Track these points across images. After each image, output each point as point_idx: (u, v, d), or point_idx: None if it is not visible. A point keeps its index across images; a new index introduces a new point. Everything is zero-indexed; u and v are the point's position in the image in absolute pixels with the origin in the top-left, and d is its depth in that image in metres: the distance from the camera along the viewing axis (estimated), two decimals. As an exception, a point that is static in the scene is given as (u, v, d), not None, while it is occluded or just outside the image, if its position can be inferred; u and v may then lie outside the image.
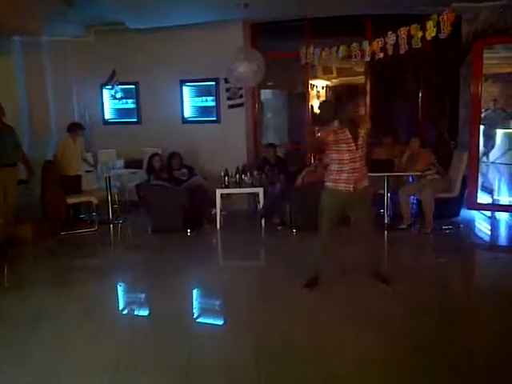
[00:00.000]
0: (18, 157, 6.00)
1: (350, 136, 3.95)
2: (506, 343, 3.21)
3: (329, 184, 4.11)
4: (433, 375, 2.84)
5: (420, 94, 7.66)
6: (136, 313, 3.99)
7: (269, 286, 4.30)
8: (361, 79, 8.10)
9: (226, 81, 7.42)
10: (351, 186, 3.99)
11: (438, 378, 2.82)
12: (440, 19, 5.47)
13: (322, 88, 11.30)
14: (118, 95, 8.05)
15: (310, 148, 4.33)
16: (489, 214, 6.71)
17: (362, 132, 4.01)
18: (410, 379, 2.82)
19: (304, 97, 8.11)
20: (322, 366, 2.96)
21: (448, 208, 6.34)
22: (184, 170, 6.77)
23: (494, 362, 2.97)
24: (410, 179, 6.55)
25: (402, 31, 5.90)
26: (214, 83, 7.79)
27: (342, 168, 4.00)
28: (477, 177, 6.53)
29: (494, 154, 10.04)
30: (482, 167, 7.05)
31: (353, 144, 3.94)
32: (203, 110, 7.97)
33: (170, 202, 6.22)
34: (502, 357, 3.02)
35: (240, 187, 6.50)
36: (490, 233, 6.28)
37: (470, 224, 6.43)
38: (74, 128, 6.81)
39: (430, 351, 3.07)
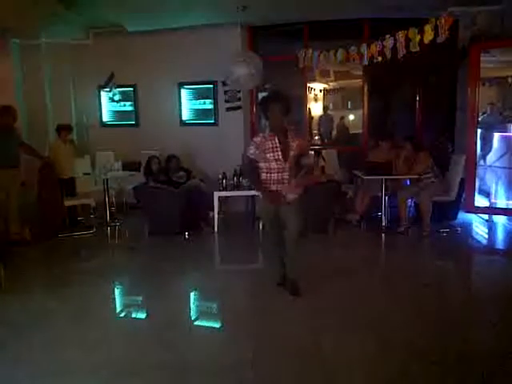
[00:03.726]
0: (26, 152, 6.19)
1: (274, 141, 3.79)
2: (503, 346, 3.22)
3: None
4: (430, 379, 2.85)
5: (417, 98, 7.68)
6: (133, 315, 3.98)
7: (266, 289, 4.29)
8: (359, 82, 8.12)
9: (224, 84, 7.44)
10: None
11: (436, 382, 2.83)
12: (437, 23, 5.49)
13: (320, 91, 11.36)
14: (116, 98, 8.06)
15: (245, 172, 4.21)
16: (486, 217, 6.73)
17: (294, 145, 3.83)
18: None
19: (302, 100, 8.12)
20: (318, 369, 2.96)
21: (445, 211, 6.36)
22: (182, 173, 6.76)
23: (490, 365, 2.97)
24: (408, 182, 6.57)
25: (400, 35, 5.92)
26: (212, 86, 7.80)
27: (270, 177, 3.86)
28: (474, 180, 6.55)
29: (491, 158, 10.05)
30: (480, 170, 7.04)
31: (280, 154, 3.78)
32: (201, 113, 7.98)
33: (168, 205, 6.21)
34: (500, 360, 3.03)
35: (238, 190, 6.51)
36: (487, 236, 6.30)
37: (467, 227, 6.44)
38: (61, 130, 6.79)
39: (427, 354, 3.07)
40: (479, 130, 6.77)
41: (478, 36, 6.42)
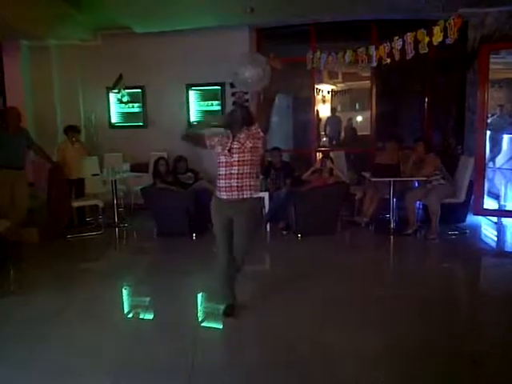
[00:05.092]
0: (37, 154, 6.26)
1: (229, 139, 3.65)
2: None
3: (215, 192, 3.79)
4: (439, 379, 2.83)
5: (426, 99, 7.65)
6: (141, 316, 3.99)
7: (273, 291, 4.28)
8: (366, 84, 8.10)
9: (232, 85, 7.45)
10: (230, 193, 3.63)
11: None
12: (447, 24, 5.46)
13: (328, 92, 11.33)
14: (125, 99, 8.09)
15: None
16: (495, 219, 6.68)
17: (243, 136, 3.61)
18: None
19: (309, 101, 8.12)
20: (326, 369, 2.96)
21: (454, 213, 6.32)
22: (189, 174, 6.78)
23: (498, 368, 2.96)
24: (416, 184, 6.54)
25: (409, 36, 5.90)
26: (219, 87, 7.82)
27: (219, 171, 3.70)
28: (483, 182, 6.51)
29: (500, 160, 10.01)
30: (489, 172, 7.01)
31: (228, 145, 3.62)
32: (209, 114, 8.00)
33: (176, 206, 6.22)
34: (506, 363, 3.01)
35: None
36: (496, 238, 6.25)
37: (476, 230, 6.39)
38: (68, 131, 6.84)
39: (433, 356, 3.06)
40: (488, 132, 6.73)
41: (488, 37, 6.38)
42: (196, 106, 8.04)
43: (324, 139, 10.97)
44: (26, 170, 6.17)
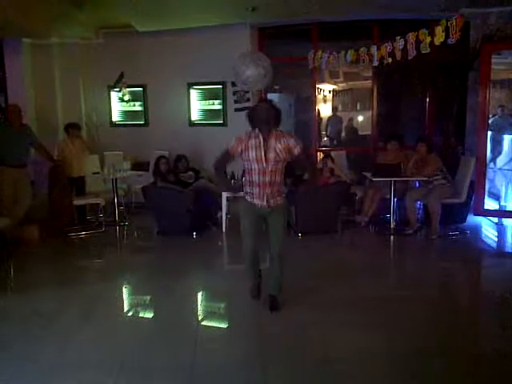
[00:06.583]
0: (40, 152, 6.24)
1: (261, 142, 3.60)
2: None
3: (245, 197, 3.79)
4: (437, 379, 2.83)
5: (427, 99, 7.64)
6: (141, 315, 3.99)
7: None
8: (368, 84, 8.09)
9: (233, 84, 7.45)
10: (263, 201, 3.65)
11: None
12: (449, 24, 5.46)
13: (329, 92, 11.32)
14: (126, 98, 8.09)
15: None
16: (496, 220, 6.67)
17: (280, 147, 3.59)
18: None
19: (311, 101, 8.11)
20: (326, 369, 2.96)
21: (455, 214, 6.32)
22: (190, 173, 6.78)
23: (499, 366, 2.96)
24: (417, 184, 6.54)
25: (411, 36, 5.89)
26: (221, 86, 7.81)
27: (252, 178, 3.67)
28: (484, 183, 6.49)
29: (501, 160, 9.99)
30: (489, 173, 6.99)
31: (262, 154, 3.58)
32: (210, 113, 8.00)
33: (176, 205, 6.22)
34: (507, 361, 3.01)
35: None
36: (496, 239, 6.24)
37: (476, 230, 6.39)
38: (68, 128, 6.84)
39: (433, 355, 3.06)
40: (489, 133, 6.72)
41: (490, 37, 6.37)
42: (197, 105, 8.04)
43: (325, 139, 10.96)
44: (27, 168, 6.17)
